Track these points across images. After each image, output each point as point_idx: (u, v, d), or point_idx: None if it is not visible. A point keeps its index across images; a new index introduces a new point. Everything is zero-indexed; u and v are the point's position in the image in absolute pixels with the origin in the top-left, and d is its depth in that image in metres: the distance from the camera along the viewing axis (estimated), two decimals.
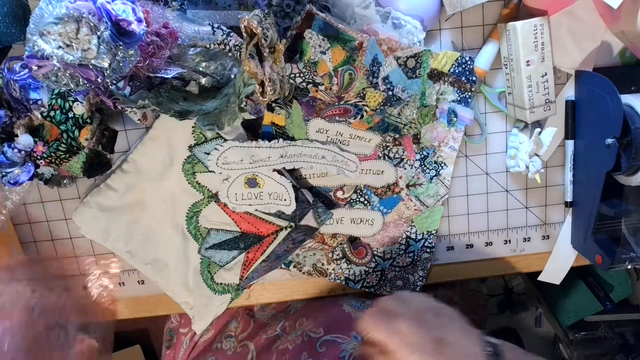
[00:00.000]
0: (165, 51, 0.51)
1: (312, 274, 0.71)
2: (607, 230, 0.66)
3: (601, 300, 1.06)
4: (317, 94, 0.62)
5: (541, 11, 0.59)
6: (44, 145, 0.60)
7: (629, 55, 0.64)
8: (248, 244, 0.69)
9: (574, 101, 0.65)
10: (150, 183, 0.66)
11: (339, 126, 0.65)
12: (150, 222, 0.69)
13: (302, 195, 0.65)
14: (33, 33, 0.45)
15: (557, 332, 1.21)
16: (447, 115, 0.64)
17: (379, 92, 0.62)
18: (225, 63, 0.58)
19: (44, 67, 0.46)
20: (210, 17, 0.58)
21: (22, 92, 0.57)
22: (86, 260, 0.72)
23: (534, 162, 0.64)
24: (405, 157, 0.67)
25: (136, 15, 0.47)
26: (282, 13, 0.60)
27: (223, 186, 0.65)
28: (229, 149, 0.63)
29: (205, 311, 0.71)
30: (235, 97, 0.57)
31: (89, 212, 0.67)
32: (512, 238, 0.73)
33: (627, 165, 0.59)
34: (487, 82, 0.66)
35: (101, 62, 0.46)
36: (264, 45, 0.52)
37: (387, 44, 0.60)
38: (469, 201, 0.71)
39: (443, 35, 0.64)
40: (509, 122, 0.68)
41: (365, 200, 0.68)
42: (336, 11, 0.60)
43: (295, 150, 0.64)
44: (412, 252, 0.71)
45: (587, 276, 1.10)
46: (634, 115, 0.59)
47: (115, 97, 0.55)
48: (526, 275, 1.27)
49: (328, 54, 0.60)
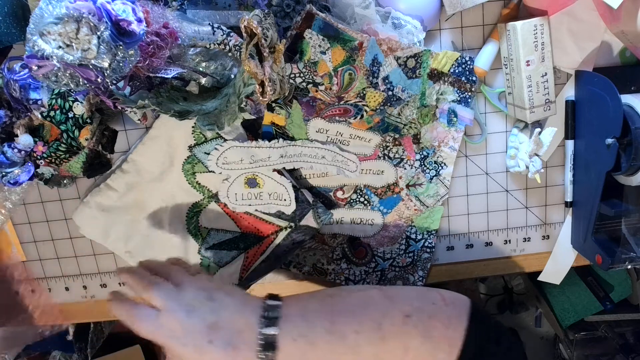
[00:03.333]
0: (165, 51, 0.51)
1: (312, 274, 0.71)
2: (607, 230, 0.65)
3: (601, 300, 1.06)
4: (317, 94, 0.62)
5: (541, 11, 0.59)
6: (44, 145, 0.60)
7: (629, 55, 0.64)
8: (248, 244, 0.69)
9: (574, 101, 0.65)
10: (150, 183, 0.66)
11: (339, 126, 0.65)
12: (150, 222, 0.69)
13: (302, 195, 0.65)
14: (33, 33, 0.45)
15: (557, 332, 1.21)
16: (447, 115, 0.64)
17: (379, 92, 0.62)
18: (225, 63, 0.58)
19: (44, 67, 0.46)
20: (210, 17, 0.58)
21: (22, 92, 0.57)
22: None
23: (534, 162, 0.64)
24: (405, 157, 0.67)
25: (136, 15, 0.47)
26: (282, 13, 0.60)
27: (223, 186, 0.65)
28: (229, 149, 0.63)
29: None
30: (235, 97, 0.57)
31: (89, 212, 0.67)
32: (512, 238, 0.73)
33: (627, 165, 0.59)
34: (487, 82, 0.66)
35: (101, 62, 0.46)
36: (264, 45, 0.52)
37: (387, 44, 0.60)
38: (469, 201, 0.71)
39: (443, 35, 0.64)
40: (509, 122, 0.68)
41: (365, 200, 0.68)
42: (336, 11, 0.61)
43: (295, 150, 0.64)
44: (412, 252, 0.71)
45: (587, 276, 1.10)
46: (634, 115, 0.59)
47: (115, 97, 0.55)
48: (526, 275, 1.27)
49: (328, 54, 0.60)
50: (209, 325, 0.46)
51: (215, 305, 0.47)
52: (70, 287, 0.74)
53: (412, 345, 0.47)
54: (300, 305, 0.49)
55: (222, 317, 0.46)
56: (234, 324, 0.46)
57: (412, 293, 0.52)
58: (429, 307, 0.49)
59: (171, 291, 0.48)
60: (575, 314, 1.12)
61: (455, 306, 0.50)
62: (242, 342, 0.45)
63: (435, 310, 0.49)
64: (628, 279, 1.07)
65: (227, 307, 0.47)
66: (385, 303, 0.49)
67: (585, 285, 1.08)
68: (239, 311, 0.47)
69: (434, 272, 0.73)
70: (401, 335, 0.47)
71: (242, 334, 0.46)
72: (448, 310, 0.49)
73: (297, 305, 0.49)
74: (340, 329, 0.47)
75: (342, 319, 0.47)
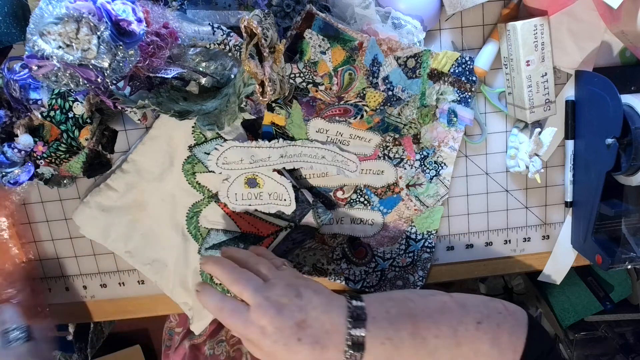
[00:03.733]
0: (165, 51, 0.51)
1: (312, 274, 0.71)
2: (607, 230, 0.65)
3: (601, 300, 1.06)
4: (317, 94, 0.62)
5: (541, 11, 0.59)
6: (44, 145, 0.60)
7: (629, 55, 0.64)
8: (248, 244, 0.69)
9: (574, 101, 0.65)
10: (150, 183, 0.66)
11: (339, 126, 0.64)
12: (150, 222, 0.69)
13: (302, 195, 0.65)
14: (33, 33, 0.45)
15: (557, 332, 1.21)
16: (447, 115, 0.64)
17: (379, 92, 0.62)
18: (225, 63, 0.58)
19: (44, 67, 0.46)
20: (210, 17, 0.58)
21: (22, 92, 0.57)
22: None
23: (534, 162, 0.64)
24: (405, 157, 0.67)
25: (136, 15, 0.47)
26: (282, 13, 0.60)
27: (223, 186, 0.65)
28: (229, 149, 0.63)
29: (204, 312, 0.71)
30: (235, 97, 0.57)
31: (89, 212, 0.67)
32: (512, 238, 0.73)
33: (627, 165, 0.59)
34: (487, 82, 0.66)
35: (101, 62, 0.46)
36: (264, 45, 0.52)
37: (387, 44, 0.60)
38: (469, 201, 0.71)
39: (443, 35, 0.64)
40: (509, 122, 0.68)
41: (365, 200, 0.68)
42: (336, 11, 0.60)
43: (295, 150, 0.64)
44: (412, 252, 0.71)
45: (587, 276, 1.10)
46: (634, 115, 0.59)
47: (115, 97, 0.55)
48: (526, 275, 1.27)
49: (328, 54, 0.60)
50: (297, 323, 0.47)
51: (303, 303, 0.48)
52: (70, 287, 0.74)
53: (481, 350, 0.50)
54: (384, 308, 0.50)
55: (310, 316, 0.48)
56: (322, 323, 0.47)
57: (478, 301, 0.54)
58: (496, 315, 0.52)
59: (261, 287, 0.49)
60: (575, 314, 1.12)
61: (517, 316, 0.53)
62: (330, 341, 0.47)
63: (501, 319, 0.52)
64: (628, 279, 1.07)
65: (314, 305, 0.48)
66: (459, 310, 0.52)
67: (585, 285, 1.08)
68: (326, 311, 0.48)
69: (434, 272, 0.73)
70: (474, 341, 0.50)
71: (330, 334, 0.47)
72: (511, 320, 0.52)
73: (381, 307, 0.50)
74: (422, 334, 0.49)
75: (423, 323, 0.49)
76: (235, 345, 0.74)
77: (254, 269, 0.52)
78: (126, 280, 0.74)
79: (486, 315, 0.51)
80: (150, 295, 0.74)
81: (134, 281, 0.74)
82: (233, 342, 0.74)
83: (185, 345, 0.77)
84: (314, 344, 0.46)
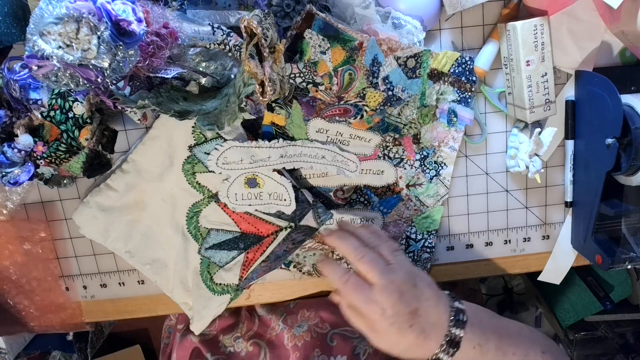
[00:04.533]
0: (165, 51, 0.51)
1: (312, 274, 0.71)
2: (607, 230, 0.66)
3: (601, 300, 1.06)
4: (317, 94, 0.62)
5: (541, 11, 0.59)
6: (44, 145, 0.60)
7: (629, 55, 0.64)
8: (248, 244, 0.69)
9: (574, 101, 0.65)
10: (150, 183, 0.66)
11: (339, 126, 0.65)
12: (150, 222, 0.69)
13: (302, 195, 0.65)
14: (33, 33, 0.45)
15: (557, 332, 1.21)
16: (447, 115, 0.64)
17: (379, 92, 0.62)
18: (225, 63, 0.58)
19: (44, 67, 0.46)
20: (210, 17, 0.58)
21: (22, 92, 0.57)
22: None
23: (534, 162, 0.64)
24: (405, 157, 0.67)
25: (136, 15, 0.47)
26: (282, 13, 0.60)
27: (223, 186, 0.65)
28: (229, 149, 0.63)
29: (204, 312, 0.71)
30: (235, 97, 0.57)
31: (89, 212, 0.67)
32: (512, 238, 0.73)
33: (627, 165, 0.59)
34: (487, 82, 0.66)
35: (101, 62, 0.46)
36: (264, 45, 0.52)
37: (387, 44, 0.60)
38: (469, 201, 0.71)
39: (443, 35, 0.64)
40: (509, 122, 0.68)
41: (365, 200, 0.68)
42: (336, 11, 0.60)
43: (295, 150, 0.64)
44: (412, 252, 0.71)
45: (587, 276, 1.10)
46: (634, 115, 0.59)
47: (115, 97, 0.55)
48: (526, 275, 1.27)
49: (328, 54, 0.60)
50: (412, 311, 0.51)
51: (418, 293, 0.52)
52: (70, 287, 0.74)
53: None
54: (478, 317, 0.55)
55: (422, 306, 0.51)
56: (430, 315, 0.52)
57: (540, 333, 0.61)
58: (554, 347, 0.59)
59: (385, 270, 0.52)
60: (575, 314, 1.12)
61: (561, 350, 0.61)
62: (433, 332, 0.51)
63: (557, 351, 0.59)
64: (628, 279, 1.07)
65: (427, 297, 0.52)
66: (530, 336, 0.58)
67: (585, 285, 1.08)
68: (435, 305, 0.52)
69: (434, 272, 0.73)
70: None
71: (434, 326, 0.51)
72: (561, 353, 0.60)
73: (476, 315, 0.54)
74: (504, 349, 0.54)
75: (506, 340, 0.55)
76: (251, 340, 0.74)
77: (376, 250, 0.54)
78: (126, 280, 0.74)
79: (548, 347, 0.58)
80: (150, 295, 0.74)
81: (134, 281, 0.74)
82: (249, 337, 0.74)
83: (193, 340, 0.77)
84: (420, 332, 0.50)
